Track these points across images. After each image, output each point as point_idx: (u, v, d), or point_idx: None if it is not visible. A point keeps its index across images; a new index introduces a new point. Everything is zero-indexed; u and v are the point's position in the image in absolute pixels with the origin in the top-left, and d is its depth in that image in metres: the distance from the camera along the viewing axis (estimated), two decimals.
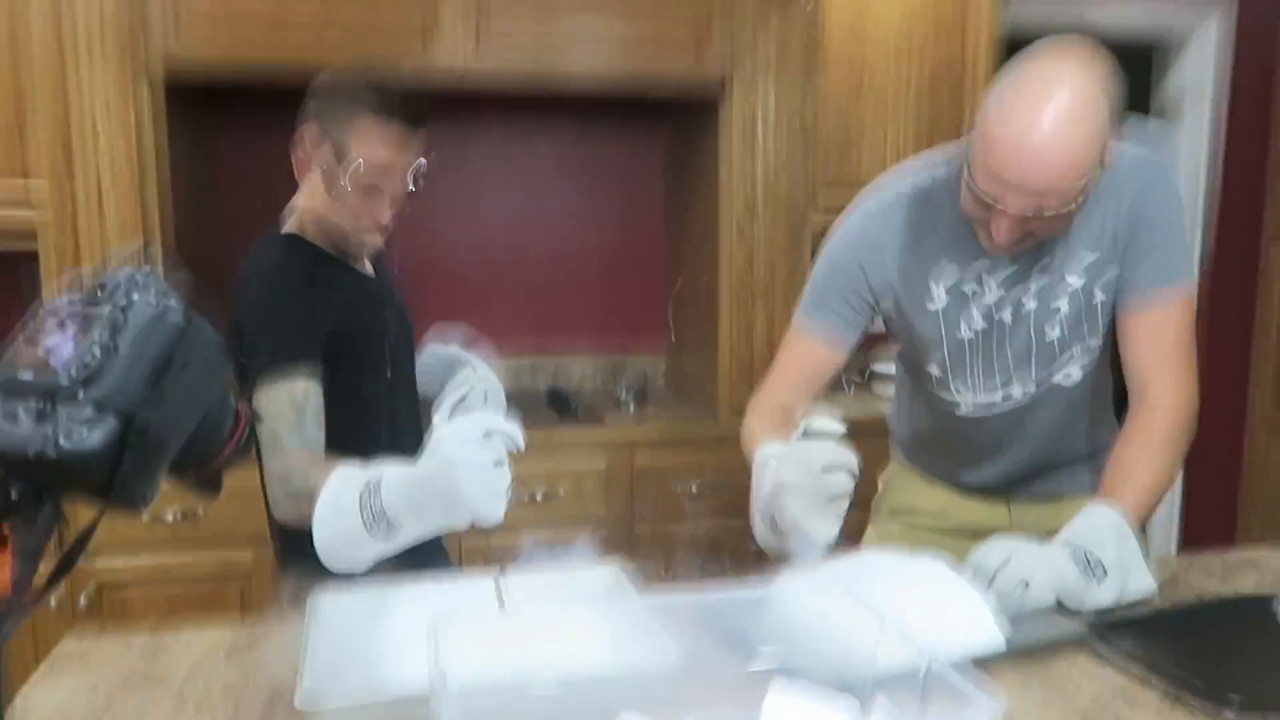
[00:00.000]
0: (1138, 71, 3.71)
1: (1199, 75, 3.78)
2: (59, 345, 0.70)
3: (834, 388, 3.45)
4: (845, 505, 1.27)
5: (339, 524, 1.18)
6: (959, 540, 1.58)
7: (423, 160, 1.56)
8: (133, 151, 2.40)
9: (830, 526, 1.26)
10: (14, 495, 0.66)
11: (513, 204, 3.19)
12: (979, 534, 1.49)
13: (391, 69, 1.56)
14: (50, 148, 2.36)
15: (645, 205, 3.32)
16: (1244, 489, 3.95)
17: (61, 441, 0.65)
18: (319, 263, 1.56)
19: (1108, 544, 1.30)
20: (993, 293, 1.50)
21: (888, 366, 3.26)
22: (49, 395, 0.67)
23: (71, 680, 1.14)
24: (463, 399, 1.55)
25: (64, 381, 0.68)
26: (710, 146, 2.83)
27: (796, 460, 1.29)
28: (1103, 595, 1.29)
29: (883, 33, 3.04)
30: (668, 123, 3.24)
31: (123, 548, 2.42)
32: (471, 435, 1.13)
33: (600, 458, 2.70)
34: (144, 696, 1.11)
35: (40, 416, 0.66)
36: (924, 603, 1.17)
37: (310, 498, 1.22)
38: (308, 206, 1.58)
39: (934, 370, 1.59)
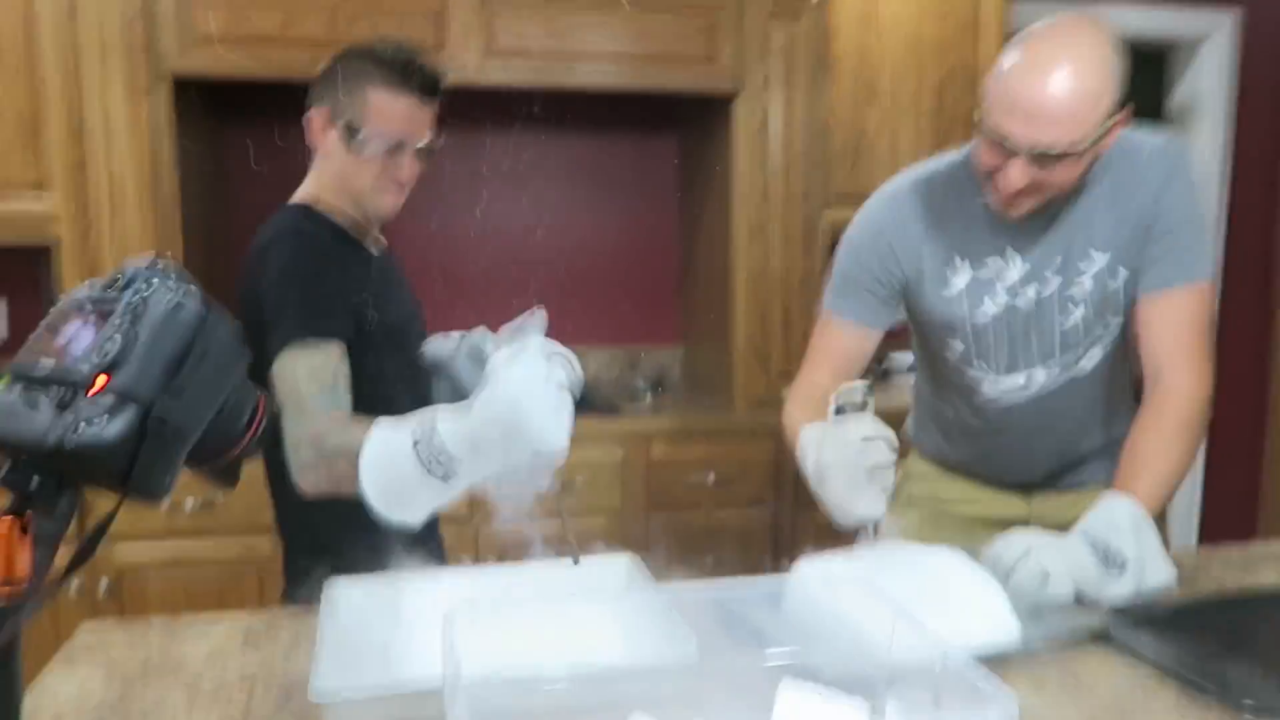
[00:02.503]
0: (1149, 77, 3.68)
1: (1211, 80, 3.75)
2: (78, 335, 0.70)
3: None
4: (889, 477, 1.29)
5: (392, 471, 1.09)
6: (977, 530, 1.58)
7: (441, 138, 1.55)
8: (144, 154, 2.41)
9: (874, 501, 1.29)
10: (34, 484, 0.66)
11: (528, 201, 3.19)
12: (998, 524, 1.49)
13: (406, 41, 1.55)
14: (64, 150, 2.38)
15: (660, 199, 3.32)
16: (1265, 482, 3.92)
17: (80, 431, 0.65)
18: (335, 239, 1.54)
19: (1126, 535, 1.29)
20: (1016, 270, 1.49)
21: (904, 359, 3.25)
22: (68, 385, 0.68)
23: (88, 667, 1.15)
24: (519, 330, 1.44)
25: (83, 371, 0.68)
26: (724, 142, 2.83)
27: (834, 438, 1.30)
28: (1121, 587, 1.28)
29: (892, 35, 3.03)
30: (681, 119, 3.24)
31: (142, 536, 2.44)
32: (531, 361, 1.07)
33: (616, 449, 2.70)
34: (160, 684, 1.11)
35: (60, 406, 0.67)
36: (939, 597, 1.17)
37: (349, 455, 1.13)
38: (322, 176, 1.55)
39: (955, 354, 1.58)
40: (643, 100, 3.00)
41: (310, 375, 1.34)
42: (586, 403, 2.09)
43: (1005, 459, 1.66)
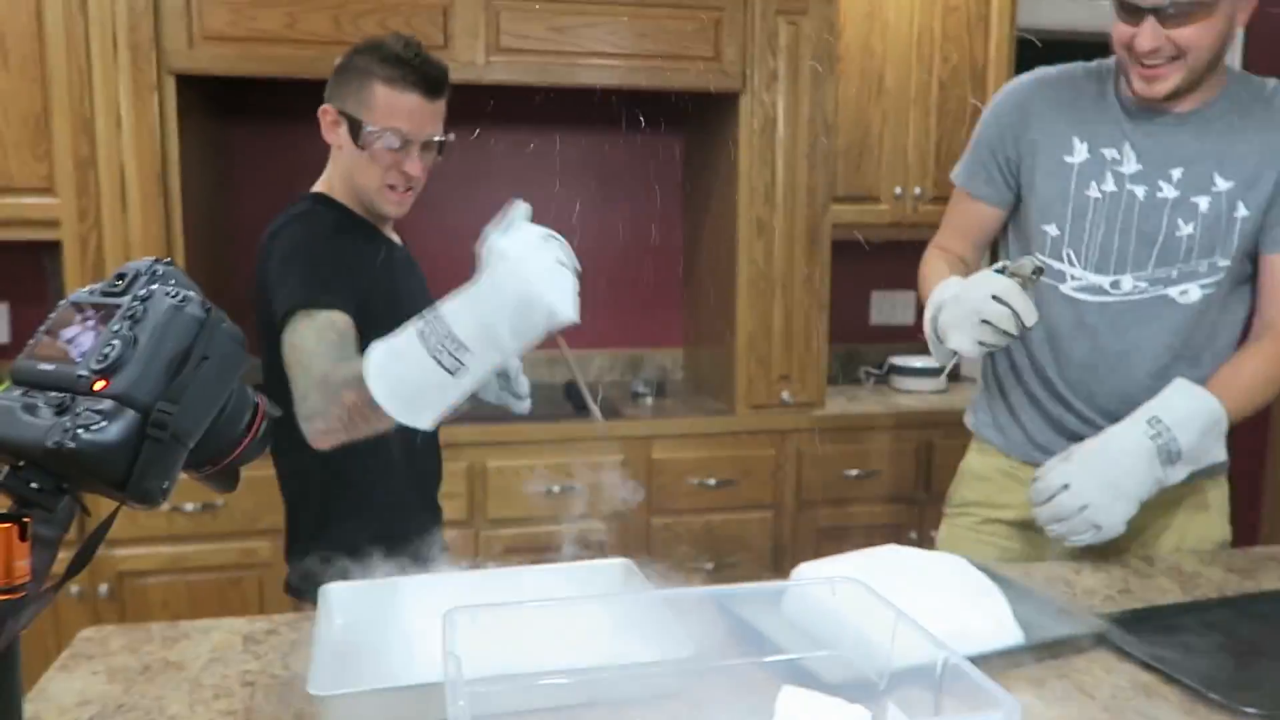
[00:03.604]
0: None
1: None
2: (79, 338, 0.71)
3: (852, 381, 3.46)
4: (993, 336, 1.37)
5: (400, 368, 1.07)
6: (1026, 534, 1.63)
7: (449, 135, 1.58)
8: (149, 152, 2.41)
9: (965, 341, 1.39)
10: (33, 487, 0.66)
11: (529, 200, 3.18)
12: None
13: (413, 38, 1.57)
14: (71, 148, 2.38)
15: (663, 200, 3.32)
16: (1266, 486, 3.92)
17: (80, 434, 0.65)
18: (349, 223, 1.56)
19: (1193, 430, 1.38)
20: (1132, 165, 1.52)
21: (907, 360, 3.25)
22: (68, 388, 0.68)
23: (91, 669, 1.15)
24: (510, 221, 1.43)
25: (83, 374, 0.68)
26: (728, 141, 2.83)
27: (975, 282, 1.40)
28: (1173, 476, 1.38)
29: (897, 32, 3.04)
30: (685, 118, 3.23)
31: (143, 538, 2.44)
32: (533, 237, 1.08)
33: (617, 451, 2.70)
34: (162, 685, 1.11)
35: (60, 409, 0.67)
36: (942, 598, 1.17)
37: (355, 381, 1.11)
38: (334, 170, 1.59)
39: (1052, 231, 1.58)
40: (647, 98, 2.99)
41: (317, 335, 1.34)
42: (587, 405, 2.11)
43: (1077, 405, 1.60)
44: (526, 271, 1.04)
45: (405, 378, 1.07)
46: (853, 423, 2.90)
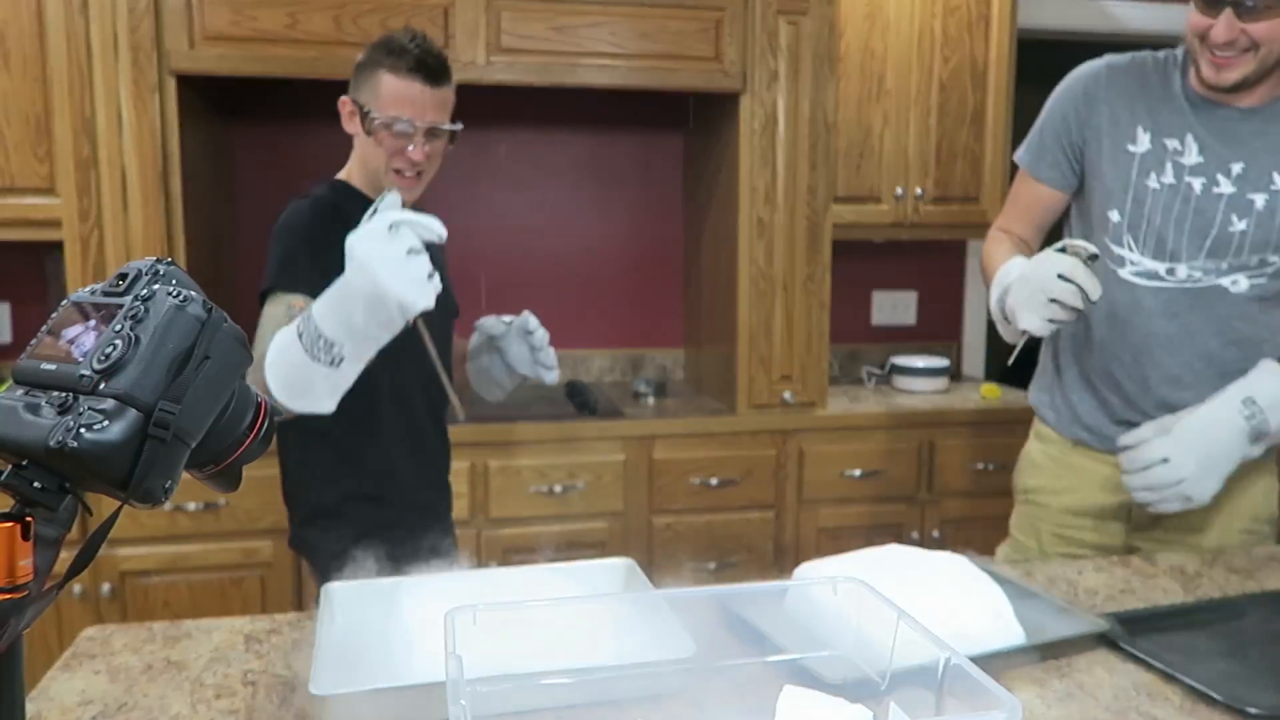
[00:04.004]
0: None
1: None
2: (81, 336, 0.71)
3: (853, 380, 3.46)
4: (1062, 314, 1.44)
5: (286, 362, 1.17)
6: (1084, 520, 1.72)
7: (457, 123, 1.65)
8: (151, 152, 2.41)
9: (1035, 320, 1.45)
10: (35, 487, 0.66)
11: (530, 200, 3.20)
12: (1104, 516, 1.68)
13: (421, 33, 1.64)
14: (72, 149, 2.38)
15: (663, 199, 3.32)
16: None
17: (82, 434, 0.65)
18: (353, 204, 1.60)
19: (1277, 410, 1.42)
20: (1193, 157, 1.56)
21: (908, 360, 3.25)
22: (70, 387, 0.68)
23: (92, 668, 1.16)
24: (374, 211, 1.52)
25: (85, 373, 0.68)
26: (729, 140, 2.83)
27: (1040, 262, 1.46)
28: (1254, 453, 1.45)
29: (898, 32, 3.05)
30: (686, 117, 3.24)
31: (145, 538, 2.44)
32: (378, 231, 1.14)
33: (619, 451, 2.70)
34: (164, 684, 1.12)
35: (61, 409, 0.67)
36: (943, 598, 1.17)
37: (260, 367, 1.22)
38: (353, 159, 1.69)
39: (1109, 228, 1.63)
40: (647, 98, 3.00)
41: (272, 322, 1.42)
42: (589, 406, 2.11)
43: (1136, 386, 1.65)
44: (373, 268, 1.11)
45: (292, 373, 1.17)
46: (854, 422, 2.90)
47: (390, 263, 1.12)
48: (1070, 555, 1.71)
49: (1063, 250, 1.46)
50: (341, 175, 1.71)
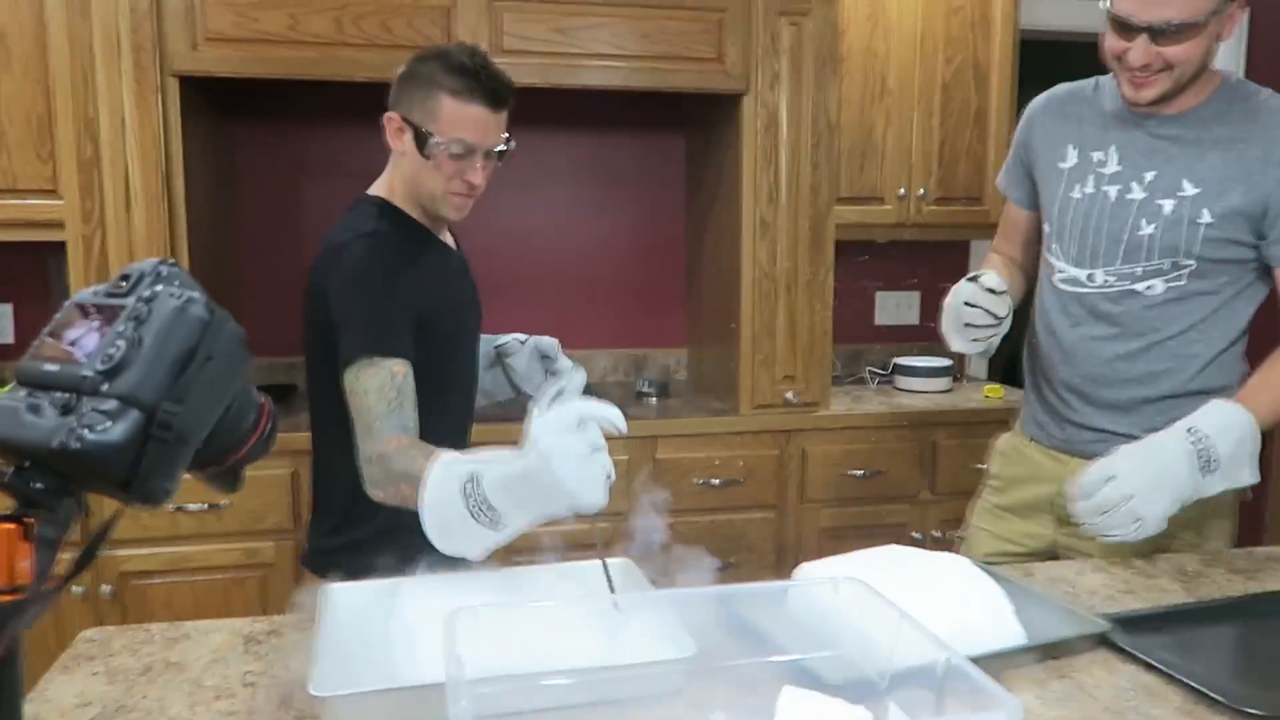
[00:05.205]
0: None
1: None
2: (83, 338, 0.71)
3: (856, 381, 3.46)
4: (981, 334, 1.64)
5: (446, 514, 1.18)
6: (1040, 515, 1.76)
7: (511, 141, 1.65)
8: (153, 154, 2.41)
9: (960, 343, 1.67)
10: (37, 488, 0.67)
11: (533, 200, 3.20)
12: (1038, 508, 1.75)
13: (477, 49, 1.60)
14: (75, 150, 2.38)
15: (666, 199, 3.32)
16: (1272, 485, 3.91)
17: (84, 435, 0.65)
18: (411, 234, 1.59)
19: (1229, 440, 1.42)
20: (1113, 167, 1.64)
21: (911, 360, 3.25)
22: (73, 388, 0.68)
23: (91, 669, 1.16)
24: (559, 392, 1.53)
25: (87, 374, 0.68)
26: (731, 140, 2.83)
27: (954, 292, 1.66)
28: (1211, 486, 1.42)
29: (900, 33, 3.05)
30: (688, 119, 3.24)
31: (146, 539, 2.44)
32: (566, 424, 1.12)
33: (621, 451, 2.69)
34: (163, 686, 1.12)
35: (64, 410, 0.67)
36: (944, 598, 1.17)
37: (411, 480, 1.24)
38: (396, 175, 1.62)
39: (1046, 228, 1.76)
40: (649, 99, 2.99)
41: (378, 393, 1.42)
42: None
43: (1052, 382, 1.76)
44: (555, 463, 1.10)
45: (450, 523, 1.18)
46: (857, 422, 2.90)
47: (573, 460, 1.11)
48: (1001, 554, 1.78)
49: (973, 279, 1.64)
50: (380, 192, 1.63)
